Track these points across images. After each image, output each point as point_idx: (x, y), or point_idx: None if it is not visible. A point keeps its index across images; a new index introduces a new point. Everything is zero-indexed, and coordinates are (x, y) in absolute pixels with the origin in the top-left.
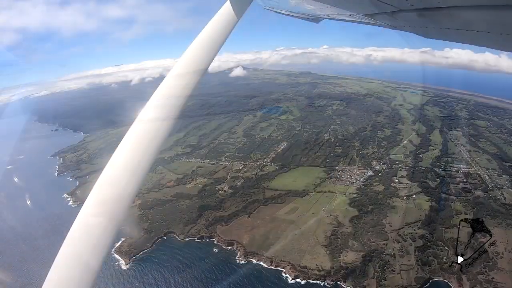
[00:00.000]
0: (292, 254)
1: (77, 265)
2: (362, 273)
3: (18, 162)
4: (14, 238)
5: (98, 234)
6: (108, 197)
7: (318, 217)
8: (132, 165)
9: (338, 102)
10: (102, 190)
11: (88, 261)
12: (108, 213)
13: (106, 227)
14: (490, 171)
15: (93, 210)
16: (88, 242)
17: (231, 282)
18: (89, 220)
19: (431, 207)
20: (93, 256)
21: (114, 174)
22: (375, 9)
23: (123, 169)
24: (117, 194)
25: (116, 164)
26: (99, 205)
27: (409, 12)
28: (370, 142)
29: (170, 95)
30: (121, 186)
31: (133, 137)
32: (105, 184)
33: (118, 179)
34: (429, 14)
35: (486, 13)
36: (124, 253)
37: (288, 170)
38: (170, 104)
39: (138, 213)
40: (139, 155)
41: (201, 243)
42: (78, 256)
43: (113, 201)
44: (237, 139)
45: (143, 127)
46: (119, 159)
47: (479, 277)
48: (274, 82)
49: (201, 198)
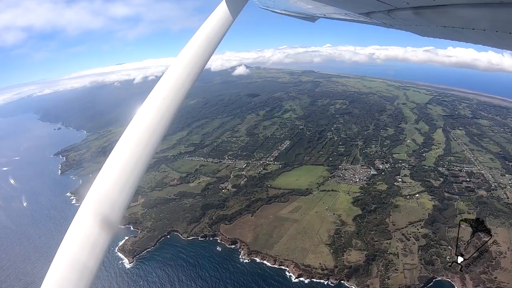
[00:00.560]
0: (295, 253)
1: (74, 267)
2: (365, 272)
3: (19, 161)
4: (18, 237)
5: (96, 235)
6: (105, 197)
7: (321, 216)
8: (130, 165)
9: (341, 101)
10: (99, 190)
11: (86, 263)
12: (106, 213)
13: (104, 228)
14: (493, 170)
15: (90, 210)
16: (86, 243)
17: (235, 281)
18: (87, 221)
19: (434, 206)
20: (91, 257)
21: (111, 174)
22: (371, 7)
23: (121, 169)
24: (115, 194)
25: (114, 163)
26: (97, 205)
27: (404, 10)
28: (373, 141)
29: (166, 95)
30: (119, 187)
31: (130, 137)
32: (103, 184)
33: (116, 179)
34: (424, 13)
35: (481, 11)
36: (128, 251)
37: (291, 168)
38: (167, 104)
39: (142, 211)
40: (136, 155)
41: (205, 241)
42: (75, 258)
43: (111, 201)
44: (240, 137)
45: (140, 127)
46: (116, 158)
47: (482, 277)
48: (276, 81)
49: (205, 196)
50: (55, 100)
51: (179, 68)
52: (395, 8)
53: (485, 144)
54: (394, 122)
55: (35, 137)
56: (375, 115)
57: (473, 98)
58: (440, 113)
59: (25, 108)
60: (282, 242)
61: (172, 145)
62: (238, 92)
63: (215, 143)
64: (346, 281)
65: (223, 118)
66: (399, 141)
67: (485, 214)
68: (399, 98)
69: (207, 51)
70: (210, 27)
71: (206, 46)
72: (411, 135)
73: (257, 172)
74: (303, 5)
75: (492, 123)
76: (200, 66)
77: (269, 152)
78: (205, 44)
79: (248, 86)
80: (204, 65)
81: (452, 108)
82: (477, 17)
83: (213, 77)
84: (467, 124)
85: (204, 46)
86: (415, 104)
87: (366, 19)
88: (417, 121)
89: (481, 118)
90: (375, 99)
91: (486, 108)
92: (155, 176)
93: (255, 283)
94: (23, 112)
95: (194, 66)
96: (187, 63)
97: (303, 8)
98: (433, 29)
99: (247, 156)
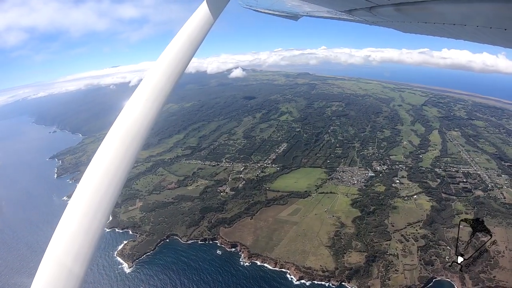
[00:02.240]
0: (296, 255)
1: (60, 274)
2: (366, 273)
3: (14, 164)
4: (16, 242)
5: (81, 241)
6: (89, 202)
7: (321, 218)
8: (112, 169)
9: (337, 103)
10: (83, 195)
11: (72, 268)
12: (90, 218)
13: (89, 233)
14: (489, 171)
15: (74, 216)
16: (71, 249)
17: (238, 284)
18: (71, 226)
19: (432, 207)
20: (76, 262)
21: (94, 179)
22: (352, 4)
23: (104, 174)
24: (99, 199)
25: (96, 168)
26: (81, 210)
27: (386, 7)
28: (370, 143)
29: (147, 98)
30: (102, 191)
31: (112, 141)
32: (87, 189)
33: (99, 184)
34: (405, 9)
35: (462, 6)
36: (127, 256)
37: (290, 171)
38: (148, 107)
39: (140, 215)
40: (118, 160)
41: (205, 245)
42: (61, 265)
43: (95, 206)
44: (237, 140)
45: (122, 130)
46: (99, 163)
47: (481, 276)
48: (272, 83)
49: (203, 200)
50: (50, 103)
51: (160, 71)
52: (376, 5)
53: (480, 145)
54: (390, 124)
55: (30, 140)
56: (371, 117)
57: (468, 99)
58: (435, 115)
59: (19, 111)
60: (283, 245)
61: (169, 148)
62: (234, 94)
63: (212, 146)
64: (347, 283)
65: (219, 120)
66: (395, 143)
67: (482, 214)
68: (395, 100)
69: (188, 52)
70: (191, 28)
71: (187, 47)
72: (407, 137)
73: (255, 175)
74: (285, 4)
75: (488, 124)
76: (181, 67)
77: (266, 155)
78: (187, 45)
79: (244, 88)
80: (185, 67)
81: (448, 110)
82: (457, 12)
83: (209, 80)
84: (463, 125)
85: (185, 48)
86: (411, 106)
87: (349, 17)
88: (413, 122)
89: (477, 119)
90: (371, 101)
91: (481, 109)
92: (152, 180)
93: (259, 287)
94: (18, 115)
95: (175, 68)
96: (168, 65)
97: (286, 7)
98: (414, 26)
99: (245, 159)
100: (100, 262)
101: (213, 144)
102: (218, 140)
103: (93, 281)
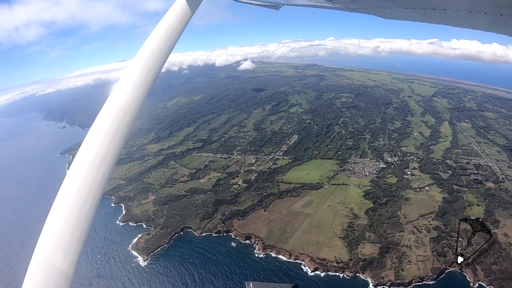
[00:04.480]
0: (310, 246)
1: (50, 272)
2: (380, 264)
3: (26, 161)
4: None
5: (69, 238)
6: (74, 199)
7: (334, 209)
8: (96, 165)
9: (346, 94)
10: (68, 193)
11: (61, 267)
12: (77, 215)
13: (76, 230)
14: (500, 162)
15: (61, 213)
16: (59, 247)
17: (255, 275)
18: (58, 224)
19: (444, 198)
20: (65, 260)
21: (78, 176)
22: None
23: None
24: (84, 195)
25: (80, 165)
26: (67, 207)
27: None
28: (380, 134)
29: (126, 96)
30: (87, 188)
31: (95, 138)
32: (71, 186)
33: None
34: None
35: None
36: (142, 249)
37: (301, 163)
38: (127, 104)
39: (153, 208)
40: (100, 158)
41: (219, 237)
42: (50, 263)
43: (80, 203)
44: (247, 132)
45: (103, 127)
46: (83, 160)
47: (493, 267)
48: (281, 75)
49: (216, 192)
50: (59, 99)
51: (138, 67)
52: None
53: (491, 136)
54: (400, 115)
55: (40, 136)
56: (381, 108)
57: (478, 90)
58: (445, 106)
59: (28, 108)
60: (296, 236)
61: (180, 141)
62: (243, 87)
63: (223, 138)
64: (361, 274)
65: (229, 113)
66: (406, 134)
67: (493, 206)
68: (405, 91)
69: (166, 48)
70: (168, 22)
71: (164, 42)
72: (418, 128)
73: (267, 167)
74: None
75: (498, 115)
76: (159, 63)
77: (277, 147)
78: (164, 41)
79: (252, 80)
80: (164, 62)
81: (458, 101)
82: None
83: (217, 72)
84: (473, 116)
85: (162, 43)
86: (421, 97)
87: (329, 4)
88: (423, 114)
89: (487, 111)
90: (380, 92)
91: (491, 100)
92: (164, 173)
93: (277, 277)
94: (27, 111)
95: (153, 64)
96: (146, 61)
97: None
98: (395, 11)
99: (256, 151)
100: (116, 256)
101: (224, 137)
102: (229, 133)
103: (110, 276)
